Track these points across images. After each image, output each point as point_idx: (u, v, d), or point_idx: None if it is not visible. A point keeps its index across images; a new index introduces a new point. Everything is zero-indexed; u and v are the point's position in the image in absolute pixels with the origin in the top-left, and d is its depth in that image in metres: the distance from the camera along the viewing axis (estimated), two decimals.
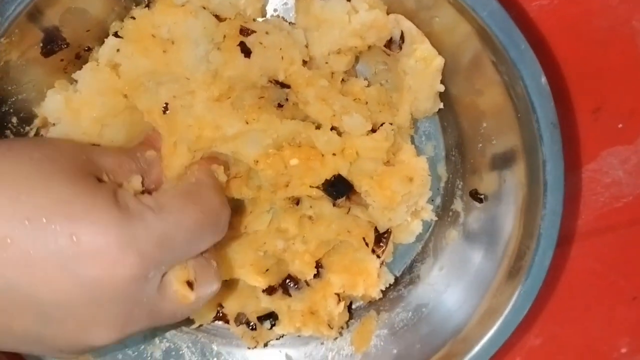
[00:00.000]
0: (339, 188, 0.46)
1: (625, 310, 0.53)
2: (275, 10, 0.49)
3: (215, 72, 0.44)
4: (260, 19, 0.48)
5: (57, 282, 0.32)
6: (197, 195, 0.39)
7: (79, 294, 0.32)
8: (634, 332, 0.53)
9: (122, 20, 0.45)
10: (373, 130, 0.46)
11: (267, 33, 0.44)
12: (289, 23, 0.48)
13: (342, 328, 0.52)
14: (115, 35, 0.43)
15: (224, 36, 0.44)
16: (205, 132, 0.43)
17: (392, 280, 0.51)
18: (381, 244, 0.48)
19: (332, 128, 0.45)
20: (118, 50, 0.42)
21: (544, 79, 0.39)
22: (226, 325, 0.51)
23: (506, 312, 0.44)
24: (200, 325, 0.51)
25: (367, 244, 0.49)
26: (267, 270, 0.49)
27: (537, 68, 0.39)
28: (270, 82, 0.45)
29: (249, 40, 0.44)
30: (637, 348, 0.53)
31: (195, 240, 0.37)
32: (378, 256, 0.48)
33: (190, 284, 0.37)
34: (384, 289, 0.50)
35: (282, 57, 0.44)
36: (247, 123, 0.43)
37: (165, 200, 0.36)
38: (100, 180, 0.36)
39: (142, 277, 0.34)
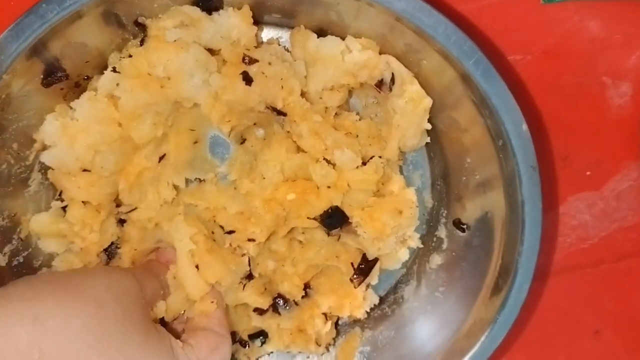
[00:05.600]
0: (334, 219, 0.48)
1: (588, 343, 0.55)
2: (269, 42, 0.49)
3: (216, 94, 0.45)
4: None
5: None
6: (222, 350, 0.46)
7: None
8: None
9: (121, 51, 0.46)
10: (363, 163, 0.47)
11: (269, 64, 0.45)
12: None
13: (329, 344, 0.54)
14: (114, 70, 0.44)
15: (224, 61, 0.45)
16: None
17: (376, 301, 0.53)
18: (362, 275, 0.49)
19: (325, 160, 0.47)
20: (118, 84, 0.44)
21: (524, 126, 0.41)
22: None
23: (482, 339, 0.46)
24: None
25: (354, 269, 0.50)
26: (265, 289, 0.51)
27: (518, 116, 0.41)
28: (268, 108, 0.46)
29: (252, 70, 0.45)
30: None
31: None
32: (354, 286, 0.49)
33: None
34: (368, 310, 0.52)
35: (282, 87, 0.45)
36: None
37: (202, 356, 0.44)
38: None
39: None
